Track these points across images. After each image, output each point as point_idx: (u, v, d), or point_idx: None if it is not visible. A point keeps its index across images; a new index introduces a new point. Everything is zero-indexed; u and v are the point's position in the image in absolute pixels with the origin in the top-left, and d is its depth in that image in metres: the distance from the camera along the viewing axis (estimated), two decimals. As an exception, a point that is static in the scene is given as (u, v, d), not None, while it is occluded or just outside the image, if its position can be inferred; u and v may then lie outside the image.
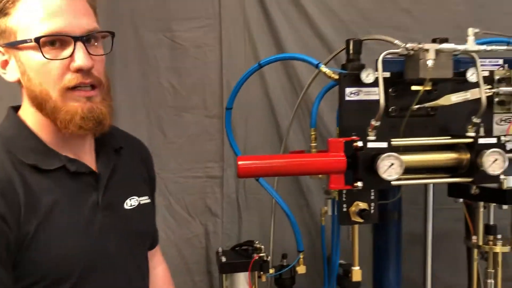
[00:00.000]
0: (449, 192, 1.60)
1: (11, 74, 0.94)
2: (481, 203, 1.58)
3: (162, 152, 2.07)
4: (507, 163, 1.19)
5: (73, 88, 0.92)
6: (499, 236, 1.61)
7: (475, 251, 1.65)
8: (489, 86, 1.27)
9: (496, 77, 1.32)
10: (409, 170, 1.27)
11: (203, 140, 2.09)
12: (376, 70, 1.22)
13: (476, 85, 1.25)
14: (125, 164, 1.09)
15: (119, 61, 2.01)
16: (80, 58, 0.91)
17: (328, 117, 1.98)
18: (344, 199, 1.30)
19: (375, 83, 1.24)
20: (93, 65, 0.92)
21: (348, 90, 1.28)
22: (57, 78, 0.91)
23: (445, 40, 1.34)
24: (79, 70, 0.91)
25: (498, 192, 1.48)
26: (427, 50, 1.13)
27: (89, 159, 1.02)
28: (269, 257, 1.51)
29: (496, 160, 1.18)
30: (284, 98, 2.08)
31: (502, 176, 1.21)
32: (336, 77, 1.31)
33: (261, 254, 1.47)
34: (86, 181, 0.98)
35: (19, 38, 0.90)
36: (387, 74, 1.29)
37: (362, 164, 1.17)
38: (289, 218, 1.51)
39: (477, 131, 1.25)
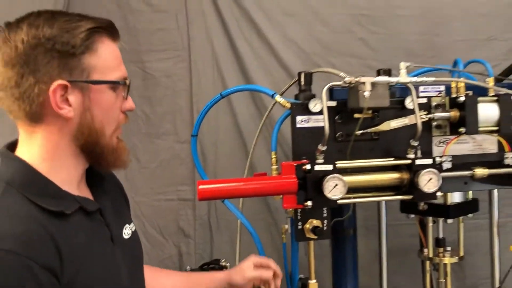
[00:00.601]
0: (401, 209, 1.74)
1: (70, 110, 0.92)
2: (430, 218, 1.72)
3: (136, 177, 2.18)
4: (440, 181, 1.31)
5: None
6: (448, 248, 1.75)
7: (427, 263, 1.78)
8: (425, 112, 1.41)
9: (433, 103, 1.46)
10: (358, 189, 1.39)
11: (174, 165, 2.21)
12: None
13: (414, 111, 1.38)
14: (109, 193, 1.10)
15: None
16: (131, 101, 1.02)
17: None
18: (299, 217, 1.42)
19: (322, 112, 1.37)
20: None
21: (299, 118, 1.40)
22: (116, 117, 0.99)
23: (388, 71, 1.49)
24: (126, 111, 1.01)
25: (443, 207, 1.62)
26: (363, 83, 1.27)
27: (88, 194, 1.03)
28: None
29: (431, 179, 1.31)
30: (252, 123, 2.21)
31: (439, 193, 1.33)
32: (289, 106, 1.43)
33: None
34: (96, 218, 0.99)
35: (94, 78, 0.93)
36: (334, 103, 1.42)
37: (311, 185, 1.29)
38: (253, 237, 1.61)
39: (416, 153, 1.38)
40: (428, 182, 1.31)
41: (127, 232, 1.09)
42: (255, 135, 1.77)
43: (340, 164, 1.32)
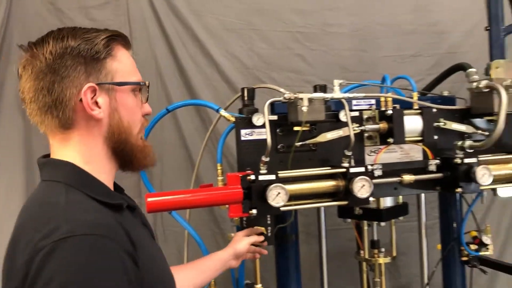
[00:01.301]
0: (339, 214, 1.86)
1: (100, 111, 0.96)
2: (365, 222, 1.85)
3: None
4: (372, 187, 1.44)
5: None
6: (382, 249, 1.89)
7: (364, 264, 1.91)
8: (357, 125, 1.54)
9: (365, 116, 1.60)
10: (299, 197, 1.49)
11: (121, 177, 2.20)
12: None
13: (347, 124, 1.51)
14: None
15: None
16: (148, 106, 1.07)
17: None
18: (244, 225, 1.50)
19: (264, 125, 1.47)
20: None
21: (243, 131, 1.49)
22: (139, 119, 1.04)
23: (323, 87, 1.61)
24: (146, 114, 1.07)
25: (376, 211, 1.76)
26: (301, 99, 1.37)
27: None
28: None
29: (363, 185, 1.43)
30: (198, 137, 2.28)
31: (371, 198, 1.46)
32: (234, 120, 1.52)
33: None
34: (137, 216, 1.05)
35: (119, 80, 0.98)
36: (275, 117, 1.52)
37: (255, 194, 1.37)
38: (200, 246, 1.67)
39: (349, 162, 1.50)
40: (361, 188, 1.43)
41: None
42: (201, 148, 1.84)
43: (282, 173, 1.42)
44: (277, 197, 1.35)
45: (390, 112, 1.54)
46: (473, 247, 1.90)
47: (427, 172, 1.62)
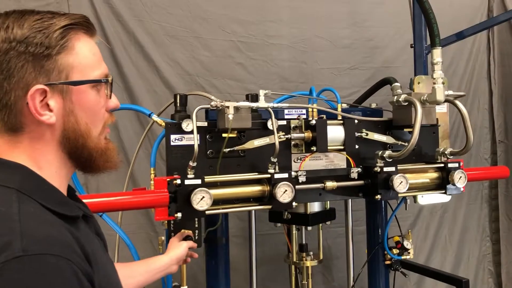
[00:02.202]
0: (270, 218, 1.93)
1: (51, 115, 0.85)
2: (294, 226, 1.93)
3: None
4: (294, 192, 1.51)
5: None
6: (310, 253, 1.98)
7: (293, 267, 1.99)
8: (283, 133, 1.62)
9: (292, 125, 1.68)
10: (227, 201, 1.55)
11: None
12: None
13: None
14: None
15: None
16: (115, 99, 0.95)
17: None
18: (172, 228, 1.54)
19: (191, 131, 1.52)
20: None
21: (172, 136, 1.54)
22: (102, 117, 0.92)
23: (255, 96, 1.68)
24: (112, 110, 0.95)
25: (304, 216, 1.84)
26: (228, 107, 1.44)
27: None
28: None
29: (286, 190, 1.51)
30: (136, 140, 2.29)
31: (294, 203, 1.54)
32: (164, 125, 1.56)
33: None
34: (92, 226, 0.96)
35: (74, 78, 0.86)
36: (205, 123, 1.57)
37: (181, 198, 1.42)
38: (130, 249, 1.70)
39: (275, 168, 1.57)
40: (284, 193, 1.50)
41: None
42: (135, 152, 1.86)
43: (208, 178, 1.48)
44: (201, 201, 1.41)
45: (314, 122, 1.63)
46: (395, 251, 2.01)
47: (350, 179, 1.71)
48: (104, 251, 0.98)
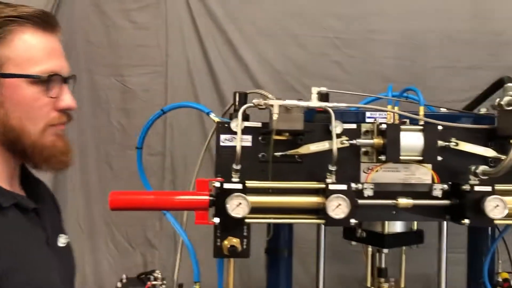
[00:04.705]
0: (344, 234, 1.71)
1: None
2: (369, 246, 1.69)
3: (109, 184, 2.27)
4: (350, 208, 1.29)
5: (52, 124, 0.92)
6: (392, 280, 1.71)
7: (369, 292, 1.74)
8: (346, 138, 1.40)
9: (363, 130, 1.45)
10: (278, 210, 1.40)
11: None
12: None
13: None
14: (44, 198, 1.06)
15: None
16: (69, 99, 0.94)
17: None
18: (218, 234, 1.44)
19: (244, 132, 1.40)
20: None
21: (222, 136, 1.43)
22: (44, 115, 0.91)
23: (325, 96, 1.49)
24: (64, 110, 0.94)
25: (379, 236, 1.59)
26: (272, 105, 1.29)
27: (22, 194, 0.99)
28: (164, 286, 1.63)
29: (339, 205, 1.30)
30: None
31: (353, 220, 1.32)
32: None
33: (154, 283, 1.61)
34: (33, 218, 0.95)
35: (9, 71, 0.87)
36: (259, 124, 1.44)
37: (219, 203, 1.31)
38: (188, 249, 1.64)
39: (333, 178, 1.37)
40: (336, 208, 1.30)
41: (62, 241, 1.04)
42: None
43: (251, 184, 1.34)
44: (237, 207, 1.28)
45: (384, 126, 1.38)
46: (501, 291, 1.64)
47: (432, 198, 1.42)
48: (44, 245, 0.95)
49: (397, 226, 1.62)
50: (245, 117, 1.48)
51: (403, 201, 1.40)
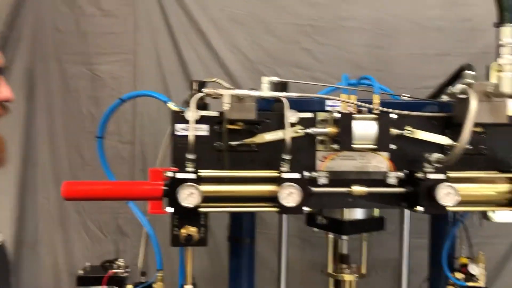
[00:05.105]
0: (307, 221, 1.73)
1: None
2: (329, 233, 1.70)
3: (79, 173, 2.27)
4: (302, 196, 1.30)
5: None
6: (353, 266, 1.73)
7: (330, 280, 1.76)
8: (300, 127, 1.41)
9: (320, 119, 1.45)
10: (234, 199, 1.40)
11: (116, 164, 2.27)
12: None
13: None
14: None
15: (42, 91, 2.23)
16: (8, 90, 0.93)
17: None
18: (175, 223, 1.45)
19: (201, 121, 1.40)
20: None
21: (178, 126, 1.43)
22: None
23: (283, 85, 1.48)
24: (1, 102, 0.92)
25: (338, 222, 1.60)
26: (221, 95, 1.28)
27: None
28: (126, 274, 1.65)
29: (291, 193, 1.30)
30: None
31: (306, 208, 1.32)
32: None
33: (116, 271, 1.62)
34: None
35: None
36: (215, 113, 1.44)
37: (172, 192, 1.31)
38: (151, 239, 1.65)
39: (287, 166, 1.37)
40: (288, 196, 1.30)
41: None
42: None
43: (204, 173, 1.34)
44: (189, 197, 1.28)
45: (337, 115, 1.38)
46: (458, 275, 1.66)
47: (386, 185, 1.43)
48: None
49: (357, 213, 1.63)
50: (203, 106, 1.48)
51: (357, 189, 1.40)
